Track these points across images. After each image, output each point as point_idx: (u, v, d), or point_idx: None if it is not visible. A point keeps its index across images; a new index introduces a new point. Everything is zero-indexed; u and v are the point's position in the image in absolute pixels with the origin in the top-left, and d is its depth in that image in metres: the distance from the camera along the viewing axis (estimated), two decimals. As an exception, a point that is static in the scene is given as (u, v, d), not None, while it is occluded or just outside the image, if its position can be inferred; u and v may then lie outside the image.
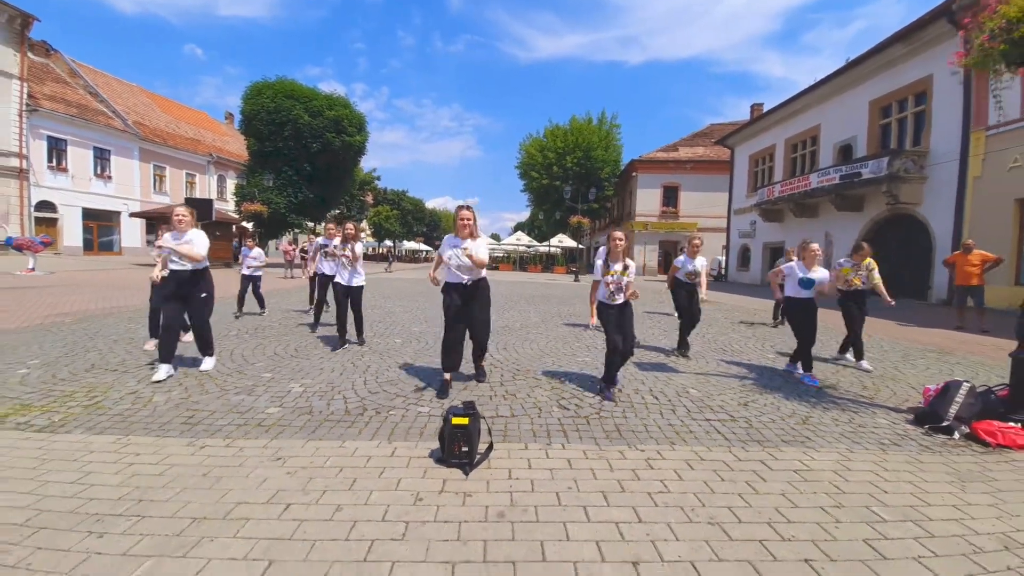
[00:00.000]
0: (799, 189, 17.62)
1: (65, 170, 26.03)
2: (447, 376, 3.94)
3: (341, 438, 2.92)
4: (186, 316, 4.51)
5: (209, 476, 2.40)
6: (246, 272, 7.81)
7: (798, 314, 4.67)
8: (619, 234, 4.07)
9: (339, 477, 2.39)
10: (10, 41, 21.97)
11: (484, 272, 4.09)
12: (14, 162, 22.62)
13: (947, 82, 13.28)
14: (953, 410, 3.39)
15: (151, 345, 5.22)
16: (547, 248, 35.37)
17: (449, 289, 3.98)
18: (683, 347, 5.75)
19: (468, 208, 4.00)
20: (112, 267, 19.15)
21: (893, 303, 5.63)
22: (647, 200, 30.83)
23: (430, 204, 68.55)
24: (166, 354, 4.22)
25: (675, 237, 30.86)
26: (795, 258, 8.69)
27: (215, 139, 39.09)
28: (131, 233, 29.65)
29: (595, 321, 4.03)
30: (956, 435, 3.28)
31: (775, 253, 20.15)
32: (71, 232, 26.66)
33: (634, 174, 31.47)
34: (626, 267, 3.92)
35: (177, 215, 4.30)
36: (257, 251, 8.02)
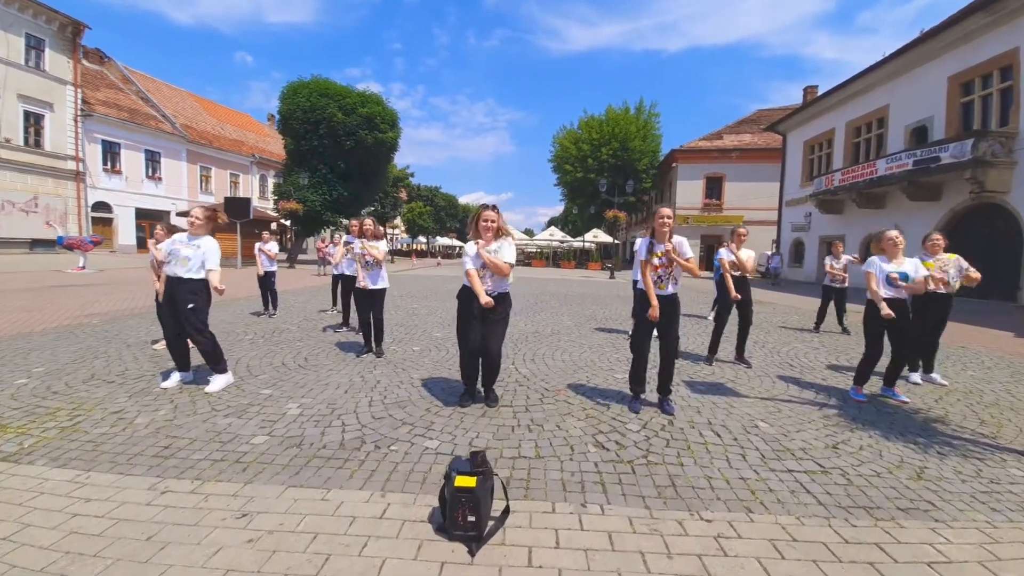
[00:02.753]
0: (864, 177, 15.95)
1: (119, 172, 27.40)
2: (469, 386, 3.59)
3: (327, 485, 2.39)
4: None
5: (153, 541, 1.91)
6: (261, 272, 7.52)
7: (889, 319, 3.77)
8: (667, 211, 3.55)
9: (308, 553, 1.84)
10: (63, 49, 23.16)
11: (508, 285, 3.49)
12: (71, 165, 23.92)
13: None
14: None
15: (160, 346, 4.99)
16: (581, 243, 34.37)
17: (466, 296, 3.41)
18: (713, 351, 5.24)
19: (492, 208, 3.48)
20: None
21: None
22: (688, 192, 29.26)
23: (463, 200, 68.64)
24: (180, 362, 4.00)
25: (719, 231, 29.13)
26: (841, 256, 7.73)
27: (258, 140, 40.32)
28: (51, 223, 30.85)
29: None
30: None
31: (829, 247, 18.44)
32: (125, 231, 28.09)
33: (674, 165, 29.94)
34: (674, 248, 3.47)
35: (191, 217, 3.92)
36: (272, 244, 7.70)
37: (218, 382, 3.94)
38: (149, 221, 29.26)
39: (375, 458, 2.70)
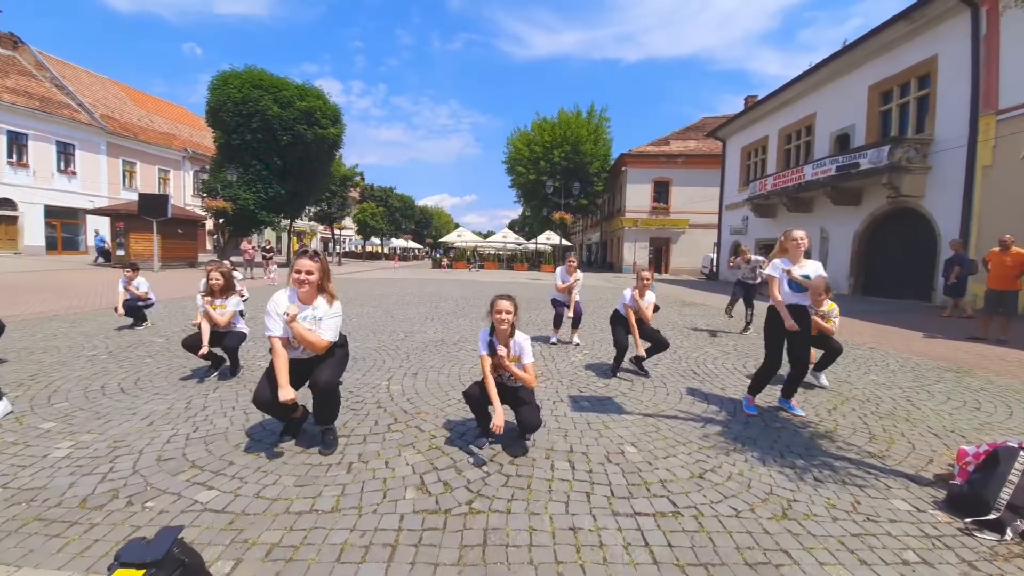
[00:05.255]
0: (792, 182, 16.44)
1: (26, 165, 24.73)
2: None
3: (19, 562, 1.76)
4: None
5: None
6: (121, 312, 6.30)
7: (783, 326, 3.49)
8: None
9: None
10: (-44, 28, 20.58)
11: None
12: (-36, 157, 21.26)
13: (954, 61, 12.13)
14: (1007, 494, 2.23)
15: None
16: (535, 245, 34.18)
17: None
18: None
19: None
20: (67, 267, 17.88)
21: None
22: (637, 195, 29.64)
23: (424, 202, 67.25)
24: None
25: (666, 234, 29.71)
26: (752, 256, 7.89)
27: (192, 134, 37.68)
28: (98, 231, 28.34)
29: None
30: (1009, 535, 2.13)
31: (768, 250, 19.00)
32: (32, 231, 25.35)
33: (624, 168, 30.28)
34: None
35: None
36: (139, 280, 6.52)
37: (-10, 410, 3.15)
38: (61, 220, 26.61)
39: (114, 520, 2.06)
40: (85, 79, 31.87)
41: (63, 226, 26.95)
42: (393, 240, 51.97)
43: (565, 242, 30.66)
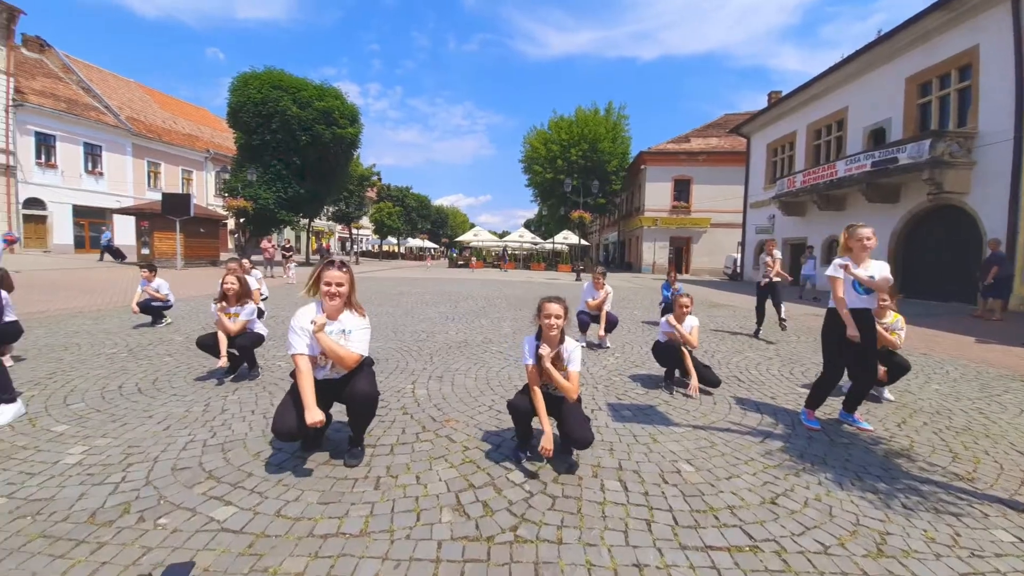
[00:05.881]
0: (824, 179, 15.79)
1: (54, 166, 25.35)
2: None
3: None
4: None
5: None
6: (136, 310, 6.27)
7: (849, 333, 3.14)
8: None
9: None
10: (-7, 34, 21.20)
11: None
12: (0, 158, 21.88)
13: (997, 52, 11.45)
14: None
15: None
16: (551, 245, 33.84)
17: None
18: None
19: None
20: (93, 266, 18.22)
21: None
22: (657, 194, 29.05)
23: (440, 202, 67.41)
24: None
25: (687, 233, 29.06)
26: (774, 252, 7.39)
27: (214, 135, 38.31)
28: (124, 230, 28.93)
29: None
30: None
31: (796, 250, 18.32)
32: (61, 230, 25.99)
33: (643, 167, 29.72)
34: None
35: None
36: (158, 281, 6.50)
37: (4, 415, 3.01)
38: (89, 219, 27.23)
39: (123, 539, 1.85)
40: (111, 82, 32.63)
41: (90, 225, 27.56)
42: (409, 240, 52.16)
43: (583, 242, 30.24)
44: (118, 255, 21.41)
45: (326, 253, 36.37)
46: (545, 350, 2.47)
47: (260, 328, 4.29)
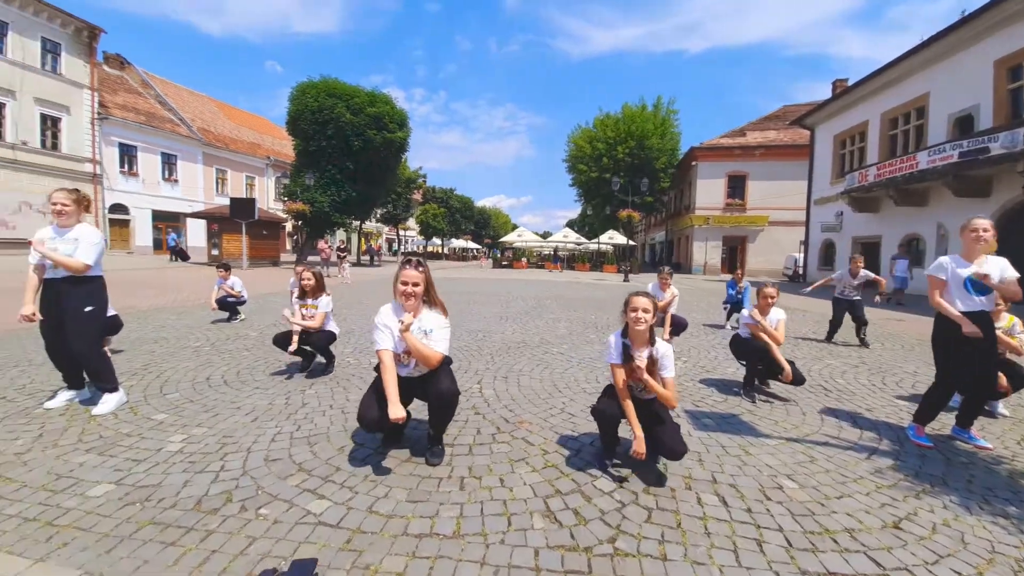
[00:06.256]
0: (902, 171, 14.55)
1: (136, 174, 27.70)
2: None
3: (148, 573, 1.64)
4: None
5: None
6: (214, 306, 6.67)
7: (966, 338, 2.81)
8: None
9: None
10: (79, 53, 23.43)
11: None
12: (88, 167, 24.18)
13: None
14: None
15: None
16: (596, 245, 33.29)
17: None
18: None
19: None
20: (167, 266, 19.75)
21: None
22: (709, 191, 27.89)
23: (482, 203, 68.17)
24: (69, 378, 3.31)
25: (742, 232, 27.72)
26: (860, 273, 6.58)
27: (274, 143, 40.60)
28: (196, 232, 31.21)
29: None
30: None
31: (868, 249, 16.93)
32: (142, 232, 28.37)
33: (694, 163, 28.64)
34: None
35: (55, 204, 3.13)
36: (233, 279, 6.90)
37: (109, 402, 3.24)
38: (165, 223, 29.58)
39: (229, 528, 1.92)
40: (184, 96, 35.28)
41: (167, 228, 29.92)
42: (453, 240, 53.02)
43: (630, 242, 29.54)
44: (183, 256, 23.11)
45: (376, 253, 37.58)
46: (640, 359, 2.33)
47: (332, 326, 4.42)
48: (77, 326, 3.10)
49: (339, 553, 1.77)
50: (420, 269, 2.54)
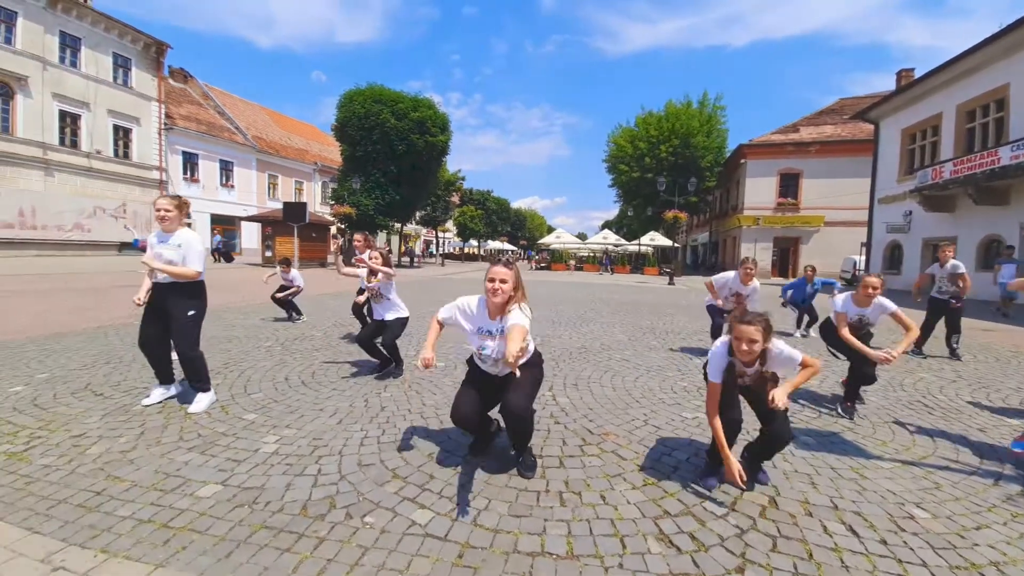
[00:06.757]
0: (982, 168, 13.40)
1: (197, 180, 29.44)
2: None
3: None
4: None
5: None
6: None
7: None
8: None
9: None
10: (148, 67, 25.17)
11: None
12: (155, 174, 25.92)
13: None
14: None
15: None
16: (637, 247, 32.61)
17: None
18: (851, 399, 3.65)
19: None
20: (220, 267, 20.85)
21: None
22: (759, 190, 26.74)
23: (517, 204, 68.33)
24: (160, 374, 3.48)
25: (795, 233, 26.41)
26: (948, 263, 5.97)
27: (321, 149, 42.19)
28: (249, 235, 32.86)
29: None
30: None
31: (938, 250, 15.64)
32: (201, 236, 30.01)
33: (743, 161, 27.54)
34: None
35: (160, 209, 3.32)
36: (294, 273, 7.20)
37: (203, 401, 3.39)
38: (222, 226, 31.29)
39: (338, 536, 1.92)
40: (240, 106, 37.21)
41: (224, 231, 31.62)
42: (489, 242, 53.34)
43: (675, 244, 28.73)
44: (228, 257, 24.34)
45: (415, 255, 38.35)
46: (782, 399, 2.12)
47: (402, 310, 4.37)
48: (181, 328, 3.25)
49: (453, 569, 1.73)
50: (510, 267, 2.47)
